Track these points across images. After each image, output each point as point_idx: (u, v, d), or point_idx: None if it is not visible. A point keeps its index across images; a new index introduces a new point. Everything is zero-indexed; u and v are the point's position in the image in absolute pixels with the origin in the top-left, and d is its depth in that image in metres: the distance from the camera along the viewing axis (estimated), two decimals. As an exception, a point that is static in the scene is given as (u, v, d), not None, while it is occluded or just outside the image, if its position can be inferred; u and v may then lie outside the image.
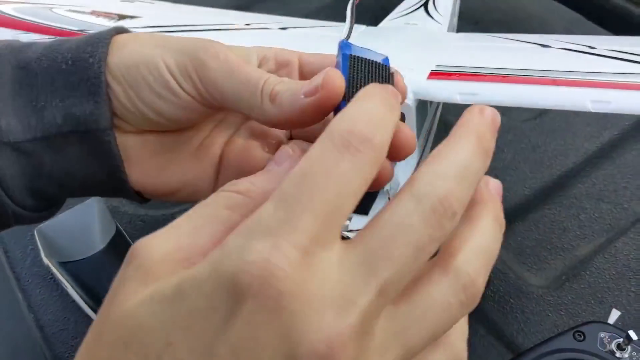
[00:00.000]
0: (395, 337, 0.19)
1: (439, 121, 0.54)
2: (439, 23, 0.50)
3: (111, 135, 0.28)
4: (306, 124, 0.26)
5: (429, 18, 0.50)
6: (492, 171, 0.55)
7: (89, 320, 0.48)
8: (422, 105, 0.40)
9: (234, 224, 0.20)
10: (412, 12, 0.51)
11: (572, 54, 0.41)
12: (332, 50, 0.29)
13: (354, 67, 0.24)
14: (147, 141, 0.30)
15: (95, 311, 0.47)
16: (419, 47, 0.44)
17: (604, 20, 0.71)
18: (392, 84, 0.26)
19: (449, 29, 0.51)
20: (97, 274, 0.48)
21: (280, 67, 0.31)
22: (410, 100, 0.38)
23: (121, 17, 0.50)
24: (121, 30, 0.30)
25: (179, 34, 0.46)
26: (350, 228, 0.38)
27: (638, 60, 0.39)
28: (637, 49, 0.40)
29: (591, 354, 0.35)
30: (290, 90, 0.26)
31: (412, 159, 0.41)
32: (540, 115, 0.59)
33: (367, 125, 0.20)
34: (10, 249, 0.53)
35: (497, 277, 0.48)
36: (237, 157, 0.30)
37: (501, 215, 0.22)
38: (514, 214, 0.52)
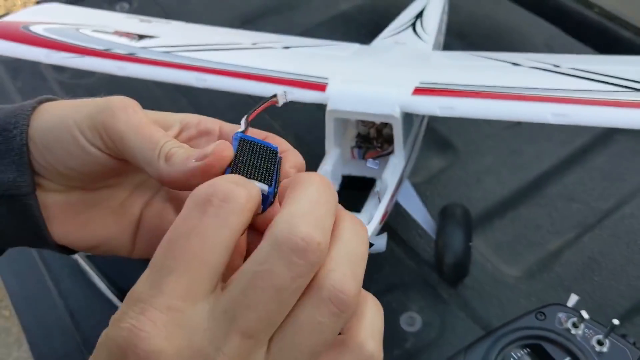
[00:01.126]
0: None
1: (426, 130, 0.60)
2: (425, 42, 0.56)
3: (32, 199, 0.30)
4: (193, 186, 0.24)
5: (417, 37, 0.56)
6: (474, 174, 0.63)
7: (112, 307, 0.53)
8: (408, 117, 0.46)
9: None
10: (401, 32, 0.57)
11: (538, 72, 0.47)
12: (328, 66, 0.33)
13: (243, 146, 0.27)
14: (70, 198, 0.32)
15: (119, 298, 0.53)
16: (406, 65, 0.50)
17: (582, 35, 0.76)
18: (279, 166, 0.27)
19: (435, 47, 0.57)
20: (120, 266, 0.54)
21: (201, 134, 0.32)
22: (397, 113, 0.44)
23: (141, 37, 0.55)
24: (47, 100, 0.32)
25: (192, 53, 0.52)
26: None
27: (595, 78, 0.45)
28: (596, 68, 0.46)
29: (550, 331, 0.40)
30: (185, 154, 0.27)
31: (399, 163, 0.47)
32: (518, 123, 0.65)
33: (227, 182, 0.22)
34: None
35: (477, 268, 0.53)
36: (153, 220, 0.33)
37: (353, 217, 0.24)
38: (493, 212, 0.58)
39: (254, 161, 0.26)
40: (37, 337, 0.53)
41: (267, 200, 0.26)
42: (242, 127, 0.28)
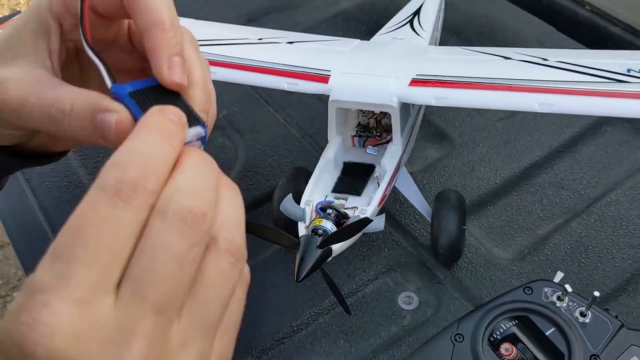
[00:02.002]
0: (196, 329, 0.22)
1: (423, 121, 0.64)
2: (421, 37, 0.59)
3: None
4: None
5: (414, 33, 0.59)
6: (469, 163, 0.66)
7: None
8: (405, 107, 0.49)
9: None
10: (399, 28, 0.60)
11: (527, 65, 0.50)
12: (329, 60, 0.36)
13: (139, 100, 0.25)
14: None
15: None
16: (404, 59, 0.53)
17: (574, 32, 0.79)
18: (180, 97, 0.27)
19: (431, 42, 0.60)
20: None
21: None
22: (394, 103, 0.47)
23: (153, 32, 0.59)
24: None
25: (202, 47, 0.55)
26: (346, 206, 0.47)
27: (580, 70, 0.48)
28: (581, 61, 0.49)
29: (536, 304, 0.43)
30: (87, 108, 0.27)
31: (397, 151, 0.50)
32: (511, 115, 0.68)
33: (138, 171, 0.21)
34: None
35: (470, 251, 0.57)
36: None
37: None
38: (486, 199, 0.61)
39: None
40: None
41: (204, 140, 0.26)
42: (108, 81, 0.26)
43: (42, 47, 0.30)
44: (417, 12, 0.64)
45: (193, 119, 0.26)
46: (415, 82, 0.48)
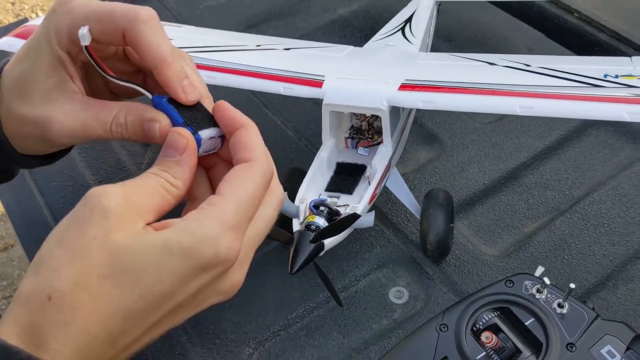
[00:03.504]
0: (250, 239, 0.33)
1: (415, 125, 0.66)
2: (412, 44, 0.61)
3: None
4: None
5: (405, 40, 0.62)
6: (458, 165, 0.69)
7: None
8: (395, 110, 0.52)
9: (166, 202, 0.31)
10: (391, 35, 0.63)
11: (510, 71, 0.52)
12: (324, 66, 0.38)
13: (177, 107, 0.35)
14: None
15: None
16: (394, 65, 0.56)
17: (563, 38, 0.82)
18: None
19: (421, 49, 0.63)
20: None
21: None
22: (384, 106, 0.50)
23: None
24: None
25: (203, 54, 0.58)
26: (338, 204, 0.50)
27: (559, 75, 0.50)
28: (562, 66, 0.52)
29: (517, 296, 0.46)
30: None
31: (387, 152, 0.52)
32: (500, 118, 0.71)
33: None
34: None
35: (459, 248, 0.59)
36: None
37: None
38: (475, 199, 0.64)
39: (192, 115, 0.34)
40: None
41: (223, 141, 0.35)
42: (148, 94, 0.35)
43: (64, 76, 0.35)
44: (409, 20, 0.66)
45: (212, 120, 0.35)
46: (404, 86, 0.51)
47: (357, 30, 0.84)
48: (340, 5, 0.89)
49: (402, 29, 0.64)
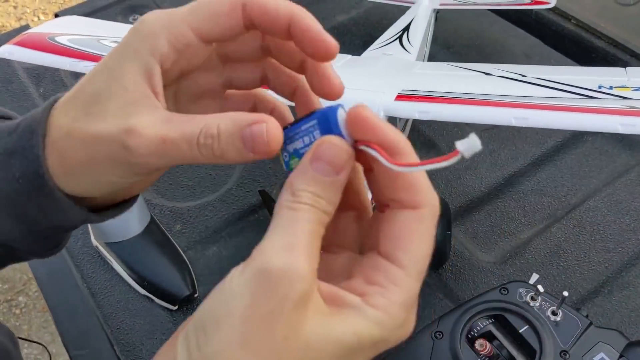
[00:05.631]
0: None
1: (413, 131, 0.67)
2: (409, 53, 0.62)
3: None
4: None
5: (402, 49, 0.62)
6: (455, 171, 0.70)
7: (130, 288, 0.60)
8: (392, 121, 0.53)
9: (320, 236, 0.25)
10: (388, 44, 0.64)
11: (505, 81, 0.53)
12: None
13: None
14: None
15: (135, 281, 0.59)
16: (391, 74, 0.57)
17: (560, 45, 0.83)
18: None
19: (419, 58, 0.64)
20: (136, 253, 0.61)
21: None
22: (381, 116, 0.50)
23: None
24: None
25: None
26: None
27: (554, 86, 0.51)
28: (557, 77, 0.53)
29: (511, 304, 0.47)
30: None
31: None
32: (497, 126, 0.71)
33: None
34: (65, 233, 0.65)
35: (455, 255, 0.60)
36: None
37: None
38: (472, 206, 0.64)
39: None
40: (62, 316, 0.60)
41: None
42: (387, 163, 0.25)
43: (147, 92, 0.29)
44: (406, 28, 0.67)
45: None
46: (400, 97, 0.51)
47: (355, 37, 0.85)
48: (339, 12, 0.90)
49: (400, 38, 0.64)
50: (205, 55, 0.31)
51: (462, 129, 0.72)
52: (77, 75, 0.82)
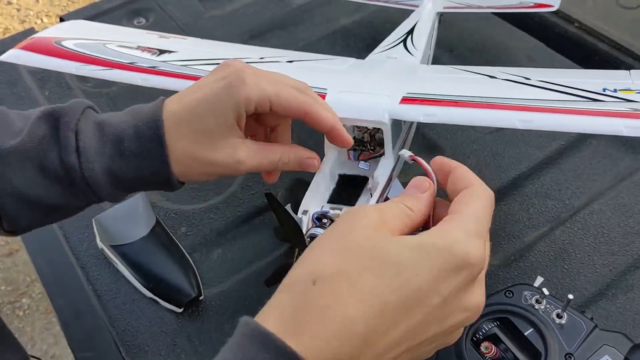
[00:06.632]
0: None
1: (417, 134, 0.67)
2: (414, 56, 0.62)
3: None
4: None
5: (407, 52, 0.63)
6: None
7: (135, 291, 0.60)
8: (396, 123, 0.53)
9: (407, 225, 0.36)
10: (393, 47, 0.64)
11: (510, 84, 0.53)
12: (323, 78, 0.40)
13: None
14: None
15: (140, 282, 0.60)
16: (396, 78, 0.57)
17: (562, 47, 0.83)
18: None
19: (423, 61, 0.64)
20: (141, 255, 0.61)
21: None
22: (386, 120, 0.51)
23: (161, 51, 0.62)
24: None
25: (208, 67, 0.59)
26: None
27: (558, 89, 0.51)
28: (560, 80, 0.53)
29: (516, 306, 0.47)
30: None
31: (389, 164, 0.53)
32: (501, 129, 0.71)
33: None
34: (70, 236, 0.66)
35: (459, 258, 0.60)
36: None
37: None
38: (475, 209, 0.64)
39: None
40: (67, 318, 0.60)
41: None
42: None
43: (240, 133, 0.46)
44: (410, 32, 0.67)
45: None
46: (405, 100, 0.51)
47: (359, 40, 0.85)
48: (343, 16, 0.90)
49: (404, 41, 0.65)
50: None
51: (465, 132, 0.72)
52: (81, 78, 0.83)
